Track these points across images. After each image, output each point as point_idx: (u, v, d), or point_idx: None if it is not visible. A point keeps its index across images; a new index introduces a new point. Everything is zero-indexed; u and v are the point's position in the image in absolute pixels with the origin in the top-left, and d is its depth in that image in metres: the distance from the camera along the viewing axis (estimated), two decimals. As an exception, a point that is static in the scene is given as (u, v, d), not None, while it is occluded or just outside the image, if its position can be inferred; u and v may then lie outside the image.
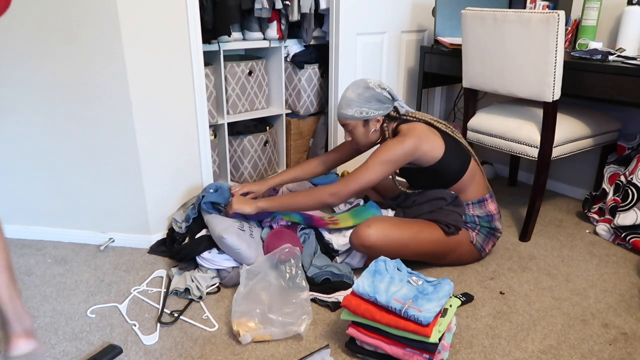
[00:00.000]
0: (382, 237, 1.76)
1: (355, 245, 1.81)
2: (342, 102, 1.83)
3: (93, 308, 1.69)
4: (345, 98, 1.82)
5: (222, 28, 2.34)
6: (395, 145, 1.76)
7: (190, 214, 1.96)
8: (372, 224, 1.79)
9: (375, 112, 1.81)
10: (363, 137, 1.87)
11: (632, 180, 2.10)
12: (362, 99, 1.80)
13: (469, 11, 2.10)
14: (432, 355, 1.34)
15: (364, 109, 1.80)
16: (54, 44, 1.82)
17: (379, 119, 1.84)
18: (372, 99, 1.80)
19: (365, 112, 1.80)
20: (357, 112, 1.80)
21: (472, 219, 1.90)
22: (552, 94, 1.93)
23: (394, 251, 1.79)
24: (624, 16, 2.18)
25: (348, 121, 1.83)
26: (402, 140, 1.76)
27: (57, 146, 1.99)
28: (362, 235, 1.77)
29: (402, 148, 1.75)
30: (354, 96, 1.80)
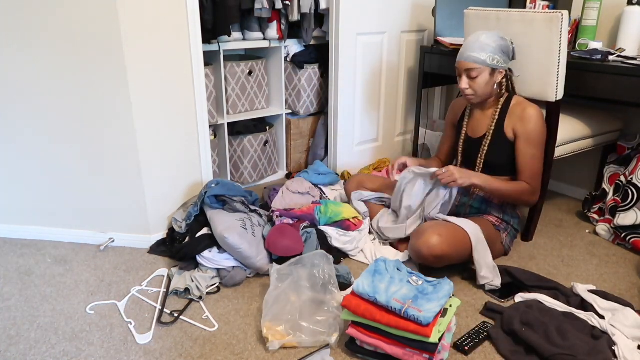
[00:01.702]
0: (451, 243, 1.74)
1: (424, 257, 1.74)
2: (473, 45, 1.79)
3: (93, 307, 1.69)
4: (479, 42, 1.78)
5: (222, 28, 2.34)
6: (542, 124, 1.83)
7: (192, 211, 1.96)
8: (436, 231, 1.74)
9: (503, 64, 1.81)
10: (484, 87, 1.83)
11: (632, 180, 2.10)
12: (497, 47, 1.78)
13: (472, 11, 2.10)
14: (432, 355, 1.34)
15: (497, 56, 1.78)
16: (54, 44, 1.82)
17: (502, 72, 1.84)
18: (505, 49, 1.80)
19: (497, 61, 1.79)
20: (489, 59, 1.78)
21: (507, 219, 1.96)
22: (555, 93, 1.93)
23: (458, 256, 1.78)
24: (624, 16, 2.18)
25: (477, 66, 1.79)
26: (541, 116, 1.82)
27: (57, 146, 1.99)
28: (433, 246, 1.71)
29: (544, 123, 1.83)
30: (490, 42, 1.78)
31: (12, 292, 1.78)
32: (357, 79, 2.69)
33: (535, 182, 1.86)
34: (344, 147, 2.77)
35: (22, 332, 1.57)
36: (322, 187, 2.57)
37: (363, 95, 2.75)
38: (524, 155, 1.85)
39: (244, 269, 1.84)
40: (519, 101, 1.88)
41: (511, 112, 1.87)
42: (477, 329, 1.57)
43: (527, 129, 1.83)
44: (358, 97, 2.73)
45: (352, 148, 2.82)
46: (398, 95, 2.94)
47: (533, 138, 1.83)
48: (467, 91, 1.86)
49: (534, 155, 1.84)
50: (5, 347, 1.49)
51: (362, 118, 2.79)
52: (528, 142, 1.84)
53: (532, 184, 1.86)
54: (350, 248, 2.00)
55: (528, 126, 1.82)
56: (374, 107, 2.84)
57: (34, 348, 1.49)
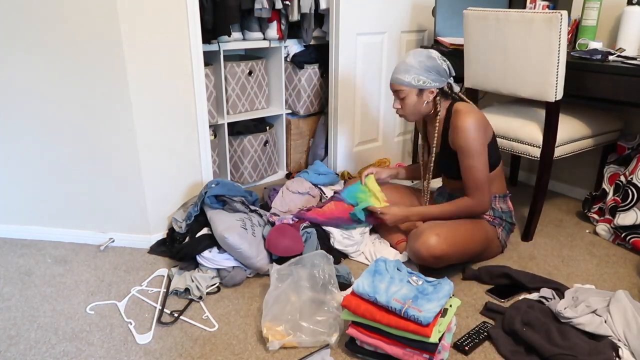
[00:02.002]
0: (450, 242, 1.74)
1: (423, 257, 1.74)
2: (400, 67, 1.79)
3: (93, 307, 1.69)
4: (405, 63, 1.77)
5: (222, 28, 2.33)
6: (473, 129, 1.76)
7: (192, 211, 1.96)
8: (434, 232, 1.74)
9: (431, 84, 1.78)
10: (413, 107, 1.82)
11: (632, 180, 2.10)
12: (423, 67, 1.76)
13: (471, 11, 2.10)
14: (432, 355, 1.34)
15: (422, 77, 1.76)
16: (54, 44, 1.82)
17: (434, 91, 1.81)
18: (432, 69, 1.77)
19: (422, 81, 1.77)
20: (414, 80, 1.76)
21: (499, 214, 1.94)
22: (555, 93, 1.93)
23: (457, 256, 1.78)
24: (624, 16, 2.18)
25: (403, 87, 1.78)
26: (472, 122, 1.76)
27: (57, 146, 1.99)
28: (432, 246, 1.71)
29: (479, 128, 1.77)
30: (415, 63, 1.76)
31: (12, 292, 1.78)
32: (357, 79, 2.69)
33: (477, 193, 1.81)
34: (344, 147, 2.77)
35: (22, 332, 1.56)
36: (322, 187, 2.57)
37: (363, 95, 2.75)
38: (464, 167, 1.81)
39: (244, 269, 1.84)
40: (457, 111, 1.82)
41: (452, 124, 1.84)
42: (477, 329, 1.57)
43: (460, 143, 1.79)
44: (358, 97, 2.73)
45: (352, 148, 2.82)
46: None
47: (466, 149, 1.78)
48: (399, 112, 1.87)
49: (472, 167, 1.79)
50: (5, 347, 1.49)
51: (362, 118, 2.79)
52: (464, 153, 1.79)
53: (474, 196, 1.82)
54: (351, 250, 2.00)
55: (460, 140, 1.78)
56: (374, 107, 2.84)
57: (34, 348, 1.49)
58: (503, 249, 2.03)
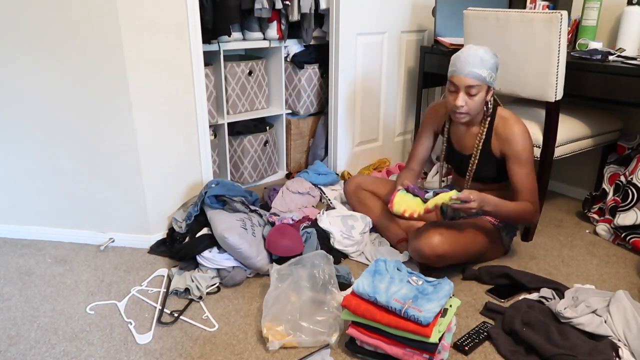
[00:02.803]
0: (452, 242, 1.73)
1: (425, 256, 1.73)
2: (472, 59, 1.65)
3: (93, 307, 1.69)
4: (478, 57, 1.65)
5: (222, 28, 2.33)
6: (528, 139, 1.77)
7: (192, 211, 1.96)
8: (437, 231, 1.73)
9: (494, 83, 1.73)
10: (479, 105, 1.72)
11: (632, 180, 2.10)
12: (494, 64, 1.68)
13: (471, 11, 2.10)
14: (432, 355, 1.34)
15: (493, 74, 1.69)
16: (54, 44, 1.82)
17: (492, 90, 1.75)
18: (498, 66, 1.72)
19: (492, 78, 1.69)
20: (489, 76, 1.66)
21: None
22: (555, 93, 1.93)
23: (459, 256, 1.78)
24: (624, 16, 2.18)
25: (479, 83, 1.66)
26: (525, 130, 1.77)
27: (57, 146, 1.99)
28: (435, 245, 1.70)
29: (530, 137, 1.78)
30: (488, 57, 1.66)
31: (12, 292, 1.78)
32: (357, 79, 2.69)
33: (534, 198, 1.82)
34: (344, 147, 2.77)
35: (22, 332, 1.56)
36: (322, 187, 2.57)
37: (363, 95, 2.75)
38: (518, 175, 1.79)
39: (244, 269, 1.84)
40: (502, 117, 1.81)
41: (496, 131, 1.82)
42: (477, 329, 1.57)
43: (515, 150, 1.77)
44: (358, 97, 2.73)
45: (352, 148, 2.82)
46: (398, 95, 2.94)
47: (522, 157, 1.78)
48: (462, 109, 1.73)
49: (527, 174, 1.79)
50: (5, 347, 1.49)
51: (362, 118, 2.79)
52: (519, 162, 1.78)
53: (532, 201, 1.82)
54: (351, 250, 2.00)
55: (515, 148, 1.77)
56: (374, 107, 2.84)
57: (34, 348, 1.49)
58: (506, 251, 2.03)
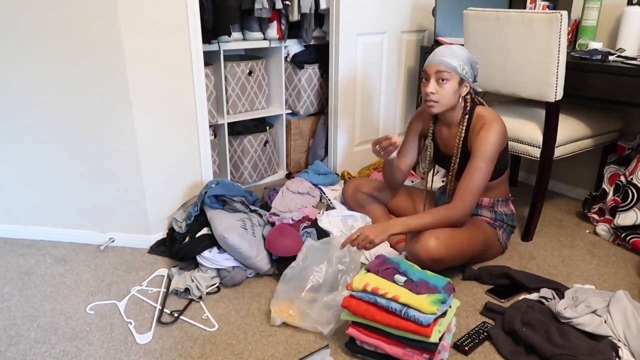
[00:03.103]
0: (449, 246, 1.73)
1: (422, 260, 1.71)
2: (445, 51, 1.75)
3: (93, 307, 1.69)
4: (451, 49, 1.75)
5: (222, 28, 2.33)
6: (496, 137, 1.76)
7: (191, 211, 1.96)
8: (433, 235, 1.72)
9: (470, 79, 1.78)
10: (450, 95, 1.77)
11: (632, 180, 2.10)
12: (468, 59, 1.76)
13: (471, 11, 2.10)
14: (432, 355, 1.34)
15: (466, 67, 1.76)
16: (54, 44, 1.82)
17: (467, 87, 1.80)
18: (473, 65, 1.79)
19: (465, 72, 1.76)
20: (460, 67, 1.74)
21: (500, 217, 1.95)
22: (555, 94, 1.93)
23: (456, 258, 1.77)
24: (624, 16, 2.18)
25: (448, 70, 1.74)
26: (497, 129, 1.76)
27: (57, 146, 1.99)
28: (431, 249, 1.69)
29: (501, 138, 1.76)
30: (461, 52, 1.76)
31: (12, 292, 1.78)
32: (357, 79, 2.69)
33: (468, 197, 1.76)
34: (344, 147, 2.77)
35: (22, 332, 1.56)
36: (322, 187, 2.57)
37: (363, 95, 2.75)
38: (469, 166, 1.78)
39: (244, 269, 1.84)
40: (479, 115, 1.82)
41: (473, 129, 1.83)
42: (477, 329, 1.57)
43: (479, 143, 1.76)
44: (358, 97, 2.73)
45: (352, 148, 2.82)
46: (398, 95, 2.94)
47: (482, 151, 1.75)
48: (432, 96, 1.76)
49: (478, 169, 1.75)
50: (5, 347, 1.49)
51: (362, 118, 2.79)
52: (476, 155, 1.76)
53: (462, 199, 1.76)
54: (352, 250, 2.00)
55: (479, 138, 1.77)
56: (374, 107, 2.84)
57: (34, 348, 1.49)
58: (504, 250, 2.04)
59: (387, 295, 1.36)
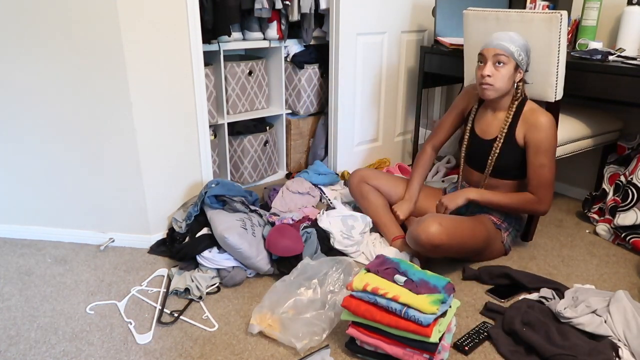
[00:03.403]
0: (450, 234, 1.73)
1: (421, 243, 1.72)
2: (503, 36, 1.77)
3: (93, 307, 1.69)
4: (509, 34, 1.78)
5: (222, 28, 2.33)
6: (554, 132, 1.80)
7: (192, 211, 1.96)
8: (437, 220, 1.73)
9: (524, 65, 1.81)
10: (506, 79, 1.78)
11: (632, 180, 2.10)
12: (524, 46, 1.79)
13: (471, 11, 2.10)
14: (432, 355, 1.34)
15: (522, 54, 1.78)
16: (54, 44, 1.82)
17: (522, 74, 1.83)
18: (529, 52, 1.82)
19: (521, 58, 1.78)
20: (517, 53, 1.77)
21: (509, 220, 1.96)
22: (555, 93, 1.93)
23: (455, 248, 1.77)
24: (624, 16, 2.18)
25: (506, 54, 1.76)
26: (553, 125, 1.80)
27: (57, 146, 1.99)
28: (432, 234, 1.70)
29: (555, 131, 1.80)
30: (519, 38, 1.78)
31: (12, 292, 1.78)
32: (357, 79, 2.69)
33: (542, 191, 1.83)
34: (344, 147, 2.77)
35: (22, 332, 1.57)
36: (322, 187, 2.57)
37: (363, 95, 2.75)
38: (533, 164, 1.83)
39: (244, 269, 1.84)
40: (532, 107, 1.85)
41: (523, 118, 1.85)
42: (477, 329, 1.57)
43: (538, 138, 1.80)
44: (358, 97, 2.73)
45: (352, 148, 2.82)
46: (398, 95, 2.94)
47: (543, 147, 1.80)
48: (488, 79, 1.78)
49: (543, 165, 1.81)
50: (5, 347, 1.49)
51: (362, 118, 2.79)
52: (538, 151, 1.81)
53: (538, 193, 1.83)
54: (351, 251, 2.00)
55: (539, 135, 1.80)
56: (374, 107, 2.84)
57: (34, 348, 1.49)
58: (507, 252, 2.03)
59: (387, 295, 1.36)
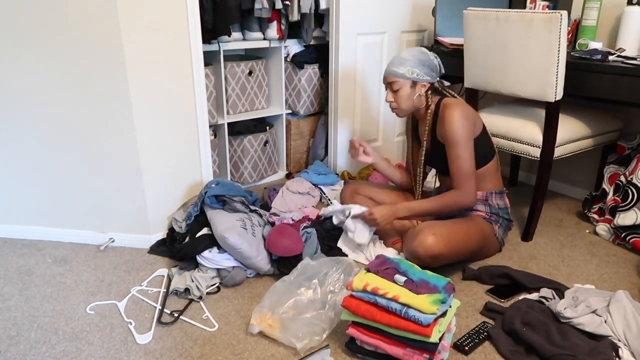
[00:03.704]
0: (447, 242, 1.74)
1: (420, 257, 1.73)
2: (394, 60, 1.85)
3: (93, 307, 1.69)
4: (399, 57, 1.85)
5: (222, 28, 2.34)
6: (458, 120, 1.79)
7: (191, 211, 1.96)
8: (431, 231, 1.74)
9: (424, 77, 1.84)
10: (406, 99, 1.87)
11: (632, 180, 2.10)
12: (416, 61, 1.83)
13: (471, 11, 2.10)
14: (432, 355, 1.34)
15: (415, 70, 1.83)
16: (54, 44, 1.82)
17: (426, 85, 1.87)
18: (425, 63, 1.84)
19: (416, 74, 1.83)
20: (408, 72, 1.82)
21: (495, 210, 1.95)
22: (555, 93, 1.93)
23: (454, 255, 1.78)
24: (624, 16, 2.18)
25: (397, 79, 1.84)
26: (457, 112, 1.79)
27: (57, 146, 1.99)
28: (429, 246, 1.71)
29: (463, 119, 1.79)
30: (409, 57, 1.83)
31: (12, 292, 1.78)
32: (357, 79, 2.69)
33: (463, 183, 1.82)
34: (344, 147, 2.77)
35: (22, 332, 1.57)
36: (322, 187, 2.57)
37: (363, 95, 2.75)
38: (449, 158, 1.84)
39: (244, 269, 1.84)
40: (445, 105, 1.86)
41: (439, 118, 1.88)
42: (477, 329, 1.57)
43: (447, 131, 1.81)
44: (358, 97, 2.73)
45: (352, 148, 2.82)
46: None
47: (452, 138, 1.80)
48: (392, 104, 1.90)
49: (457, 157, 1.81)
50: (5, 347, 1.49)
51: (362, 118, 2.79)
52: (449, 144, 1.82)
53: (459, 186, 1.83)
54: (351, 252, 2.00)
55: (447, 128, 1.81)
56: (374, 107, 2.84)
57: (34, 348, 1.49)
58: (501, 246, 2.03)
59: (387, 295, 1.36)
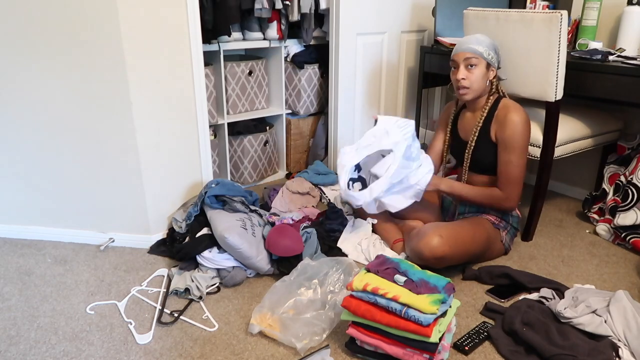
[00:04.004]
0: (452, 243, 1.74)
1: (425, 258, 1.73)
2: (470, 39, 1.84)
3: (93, 307, 1.69)
4: (475, 37, 1.84)
5: (222, 28, 2.34)
6: (523, 130, 1.82)
7: (192, 211, 1.96)
8: (437, 232, 1.74)
9: (495, 64, 1.86)
10: (479, 79, 1.85)
11: (632, 180, 2.10)
12: (492, 45, 1.85)
13: (471, 11, 2.10)
14: (432, 355, 1.34)
15: (491, 52, 1.84)
16: (54, 44, 1.82)
17: (494, 71, 1.88)
18: (497, 50, 1.87)
19: (491, 57, 1.84)
20: (486, 52, 1.83)
21: (507, 218, 1.97)
22: (555, 93, 1.93)
23: (459, 256, 1.79)
24: (624, 16, 2.18)
25: (476, 56, 1.82)
26: (524, 119, 1.82)
27: (57, 146, 1.99)
28: (434, 247, 1.72)
29: (526, 127, 1.83)
30: (485, 39, 1.84)
31: (12, 292, 1.78)
32: (357, 79, 2.69)
33: (509, 188, 1.85)
34: (344, 147, 2.77)
35: (22, 332, 1.57)
36: (322, 187, 2.57)
37: (363, 95, 2.75)
38: (501, 160, 1.86)
39: (244, 269, 1.84)
40: (505, 105, 1.88)
41: (496, 116, 1.88)
42: (477, 329, 1.57)
43: (505, 135, 1.83)
44: (358, 97, 2.73)
45: (352, 148, 2.82)
46: (398, 95, 2.94)
47: (509, 144, 1.83)
48: (463, 82, 1.84)
49: (510, 162, 1.84)
50: (5, 347, 1.49)
51: (362, 118, 2.79)
52: (506, 147, 1.84)
53: (505, 190, 1.86)
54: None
55: (506, 132, 1.83)
56: (374, 107, 2.84)
57: (34, 348, 1.49)
58: (506, 251, 2.04)
59: (387, 295, 1.36)
